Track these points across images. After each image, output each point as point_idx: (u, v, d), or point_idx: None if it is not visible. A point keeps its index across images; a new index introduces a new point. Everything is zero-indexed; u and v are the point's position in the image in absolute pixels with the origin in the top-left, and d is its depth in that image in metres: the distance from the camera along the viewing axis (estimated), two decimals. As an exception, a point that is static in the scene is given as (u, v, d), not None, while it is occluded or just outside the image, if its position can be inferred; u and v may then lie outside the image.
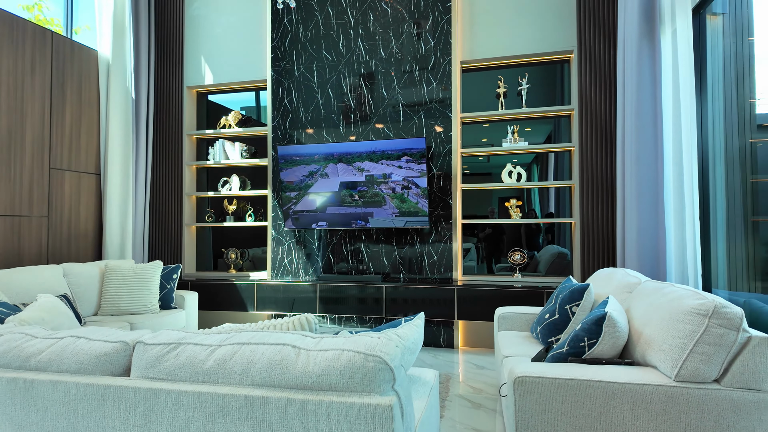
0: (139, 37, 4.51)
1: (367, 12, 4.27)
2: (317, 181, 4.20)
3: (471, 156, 4.39)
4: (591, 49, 3.74)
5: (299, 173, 4.23)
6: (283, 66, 4.47)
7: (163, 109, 4.80)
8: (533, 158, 4.70)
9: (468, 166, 4.58)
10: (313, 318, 1.35)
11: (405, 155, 3.94)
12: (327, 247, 4.37)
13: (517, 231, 4.77)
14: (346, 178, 4.13)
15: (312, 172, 4.20)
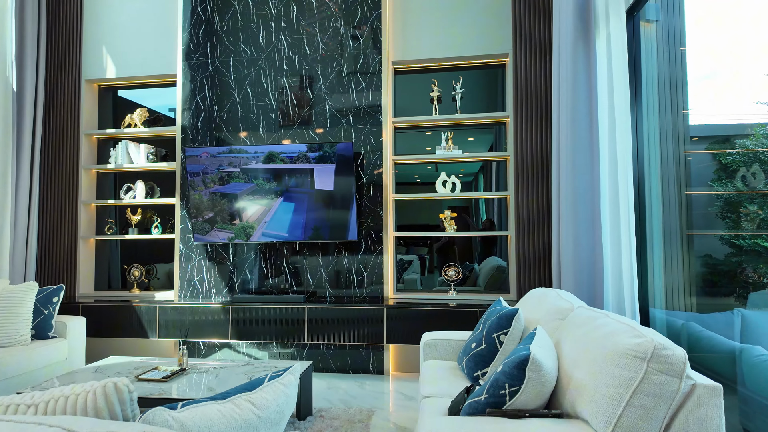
0: (24, 21, 3.88)
1: (290, 3, 3.88)
2: (231, 188, 3.73)
3: (412, 164, 4.08)
4: (527, 53, 3.54)
5: (210, 179, 3.74)
6: (195, 59, 3.99)
7: (56, 105, 4.16)
8: (480, 167, 4.47)
9: (418, 175, 4.29)
10: (126, 388, 0.93)
11: (331, 161, 3.57)
12: (243, 263, 3.90)
13: (467, 242, 4.53)
14: (264, 185, 3.69)
15: (225, 178, 3.73)
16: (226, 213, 3.75)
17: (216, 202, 3.75)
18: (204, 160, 3.73)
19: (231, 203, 3.74)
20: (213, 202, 3.75)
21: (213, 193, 3.75)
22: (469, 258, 4.59)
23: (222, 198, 3.75)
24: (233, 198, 3.74)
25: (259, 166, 3.68)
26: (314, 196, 3.63)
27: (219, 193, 3.75)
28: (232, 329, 3.56)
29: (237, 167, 3.71)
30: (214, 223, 3.76)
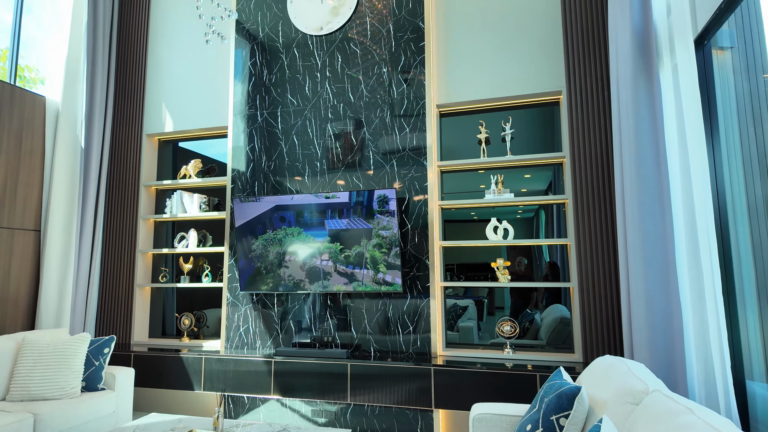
0: (94, 82, 4.20)
1: (335, 53, 3.92)
2: (276, 237, 3.71)
3: (455, 209, 3.89)
4: (581, 89, 3.30)
5: (255, 228, 3.75)
6: (245, 112, 4.10)
7: (119, 159, 4.42)
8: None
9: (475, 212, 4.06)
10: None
11: (374, 208, 3.45)
12: (287, 313, 3.81)
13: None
14: (307, 233, 3.63)
15: (271, 227, 3.72)
16: (271, 262, 3.72)
17: (261, 251, 3.73)
18: (251, 209, 3.75)
19: (276, 252, 3.71)
20: (258, 251, 3.74)
21: (259, 241, 3.74)
22: (530, 301, 4.21)
23: (267, 247, 3.72)
24: (278, 247, 3.71)
25: (304, 213, 3.64)
26: (363, 235, 3.51)
27: (264, 241, 3.73)
28: (275, 383, 3.44)
29: (283, 216, 3.69)
30: (259, 272, 3.74)
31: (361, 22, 3.86)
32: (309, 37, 3.98)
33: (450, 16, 3.78)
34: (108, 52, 4.40)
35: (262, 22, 4.13)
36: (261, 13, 4.13)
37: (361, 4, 3.87)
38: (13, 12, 4.05)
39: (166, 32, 4.54)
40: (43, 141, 3.96)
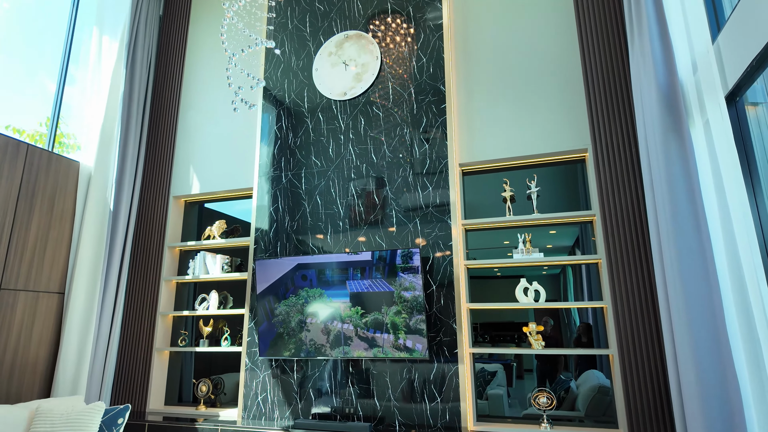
0: (126, 147, 4.36)
1: (358, 116, 4.01)
2: (298, 301, 3.62)
3: (481, 268, 3.77)
4: (608, 147, 3.25)
5: (277, 290, 3.67)
6: (270, 173, 4.17)
7: (145, 221, 4.50)
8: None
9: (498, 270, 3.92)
10: None
11: (397, 264, 3.36)
12: (307, 380, 3.64)
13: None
14: (329, 294, 3.54)
15: (291, 288, 3.64)
16: (293, 327, 3.60)
17: (281, 314, 3.64)
18: (273, 269, 3.70)
19: (296, 315, 3.60)
20: (278, 314, 3.64)
21: (281, 306, 3.65)
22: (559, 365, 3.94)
23: (288, 309, 3.63)
24: (299, 310, 3.61)
25: (326, 271, 3.57)
26: (384, 300, 3.39)
27: (287, 306, 3.64)
28: (293, 459, 3.21)
29: (305, 274, 3.63)
30: (280, 336, 3.62)
31: (383, 86, 3.97)
32: (333, 102, 4.10)
33: (470, 78, 3.86)
34: (141, 118, 4.60)
35: (288, 88, 4.29)
36: (287, 81, 4.30)
37: (383, 71, 4.00)
38: (57, 82, 4.30)
39: (197, 99, 4.76)
40: (74, 204, 4.07)
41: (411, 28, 4.01)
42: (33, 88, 4.27)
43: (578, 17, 3.64)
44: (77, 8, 4.35)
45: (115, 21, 4.43)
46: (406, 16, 4.05)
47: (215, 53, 4.81)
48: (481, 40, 3.91)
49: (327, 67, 4.17)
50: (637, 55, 3.04)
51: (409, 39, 3.99)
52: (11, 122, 3.97)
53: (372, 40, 4.07)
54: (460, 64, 3.93)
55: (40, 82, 4.30)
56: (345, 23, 4.23)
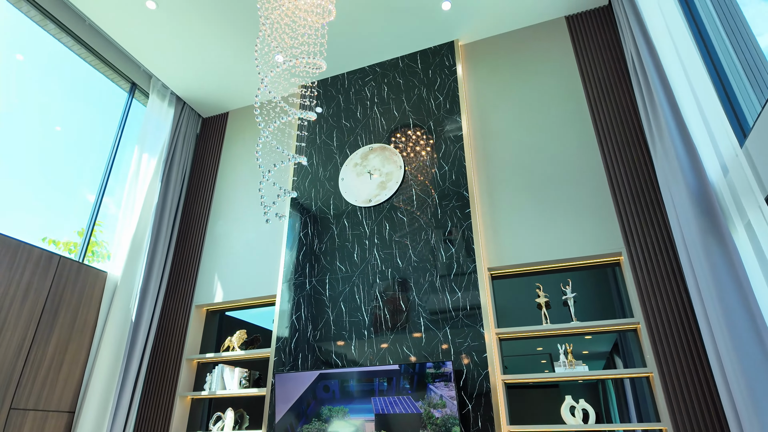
0: (154, 257, 4.42)
1: (383, 222, 4.04)
2: (318, 416, 3.33)
3: (520, 382, 3.47)
4: (643, 250, 3.15)
5: (298, 409, 3.40)
6: (294, 280, 4.11)
7: (165, 332, 4.39)
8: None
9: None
10: None
11: (427, 381, 3.11)
12: None
13: None
14: (351, 411, 3.25)
15: (312, 403, 3.37)
16: (313, 450, 3.27)
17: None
18: (293, 385, 3.47)
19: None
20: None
21: (299, 422, 3.36)
22: None
23: (308, 427, 3.32)
24: (321, 428, 3.30)
25: (350, 383, 3.31)
26: (411, 424, 3.07)
27: (305, 422, 3.35)
28: None
29: (327, 385, 3.37)
30: (299, 462, 3.27)
31: (407, 193, 4.05)
32: (358, 209, 4.17)
33: (493, 184, 3.92)
34: (171, 229, 4.73)
35: (315, 197, 4.41)
36: (314, 190, 4.44)
37: (407, 178, 4.11)
38: (96, 193, 4.51)
39: (226, 208, 4.91)
40: (96, 315, 4.02)
41: (431, 139, 4.19)
42: (72, 200, 4.49)
43: (595, 123, 3.76)
44: (123, 129, 4.73)
45: (156, 140, 4.77)
46: (426, 129, 4.26)
47: (246, 165, 5.07)
48: (500, 148, 4.04)
49: (353, 177, 4.31)
50: (660, 159, 3.06)
51: (429, 149, 4.15)
52: (48, 234, 4.11)
53: (395, 151, 4.24)
54: (482, 170, 4.02)
55: (80, 194, 4.53)
56: (369, 137, 4.46)
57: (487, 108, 4.26)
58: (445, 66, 4.46)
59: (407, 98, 4.49)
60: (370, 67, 4.82)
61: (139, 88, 4.94)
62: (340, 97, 4.82)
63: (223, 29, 4.36)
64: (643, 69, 3.29)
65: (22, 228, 3.78)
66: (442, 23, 4.37)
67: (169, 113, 5.02)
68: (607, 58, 3.97)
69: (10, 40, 4.08)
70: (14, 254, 3.48)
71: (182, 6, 4.12)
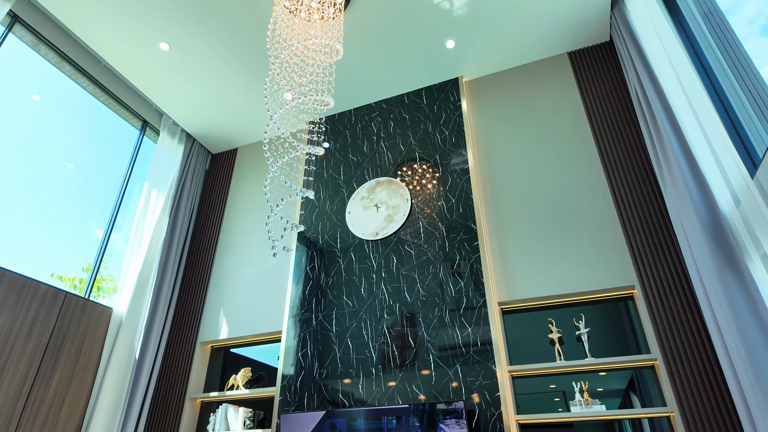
0: (160, 292, 4.39)
1: (390, 255, 4.01)
2: (328, 462, 3.19)
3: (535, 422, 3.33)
4: (658, 284, 3.08)
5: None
6: (300, 315, 4.05)
7: (168, 370, 4.30)
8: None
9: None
10: None
11: (438, 425, 2.99)
12: None
13: None
14: (364, 458, 3.12)
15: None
16: (319, 496, 3.12)
17: (309, 481, 3.18)
18: (299, 425, 3.35)
19: (326, 482, 3.14)
20: (306, 481, 3.19)
21: (306, 468, 3.22)
22: None
23: (316, 475, 3.19)
24: (328, 475, 3.16)
25: (357, 423, 3.19)
26: (423, 472, 2.94)
27: (313, 468, 3.21)
28: None
29: (333, 426, 3.26)
30: None
31: (414, 226, 4.03)
32: (365, 242, 4.15)
33: (501, 216, 3.90)
34: (178, 264, 4.72)
35: (322, 231, 4.40)
36: (321, 224, 4.44)
37: (414, 212, 4.10)
38: (105, 229, 4.52)
39: (233, 243, 4.91)
40: (100, 353, 3.96)
41: (438, 172, 4.21)
42: (81, 235, 4.51)
43: (601, 155, 3.77)
44: (133, 166, 4.80)
45: (165, 176, 4.83)
46: (432, 162, 4.29)
47: (253, 200, 5.10)
48: (507, 180, 4.04)
49: (359, 210, 4.31)
50: (670, 190, 3.04)
51: (436, 182, 4.16)
52: (56, 270, 4.11)
53: (402, 184, 4.26)
54: (489, 203, 4.01)
55: (89, 229, 4.56)
56: (376, 171, 4.49)
57: (493, 141, 4.30)
58: (450, 101, 4.54)
59: (413, 133, 4.54)
60: (376, 104, 4.91)
61: (150, 125, 5.04)
62: (347, 132, 4.89)
63: (233, 68, 4.49)
64: (648, 102, 3.32)
65: (30, 263, 3.79)
66: (447, 61, 4.47)
67: (179, 150, 5.11)
68: (610, 91, 4.03)
69: (28, 81, 4.21)
70: (21, 291, 3.46)
71: (194, 47, 4.26)
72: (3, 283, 3.37)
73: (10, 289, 3.40)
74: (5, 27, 3.76)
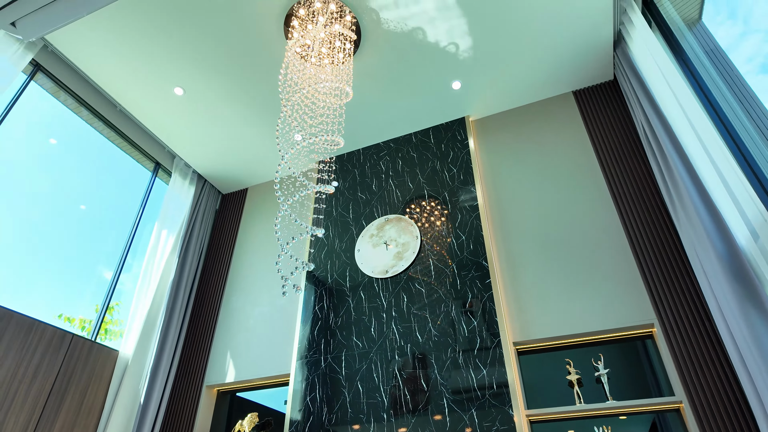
0: (167, 334, 4.32)
1: (400, 293, 3.95)
2: None
3: (551, 469, 3.16)
4: (677, 320, 2.99)
5: (314, 503, 3.11)
6: (309, 357, 3.95)
7: (173, 416, 4.18)
8: None
9: None
10: None
11: (456, 475, 2.84)
12: None
13: None
14: None
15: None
16: None
17: None
18: (308, 475, 3.20)
19: None
20: None
21: None
22: None
23: None
24: None
25: (370, 482, 3.04)
26: None
27: None
28: None
29: (344, 485, 3.09)
30: None
31: (425, 263, 3.99)
32: (375, 280, 4.10)
33: (513, 253, 3.86)
34: (186, 305, 4.67)
35: (331, 269, 4.37)
36: (330, 262, 4.41)
37: (424, 249, 4.07)
38: (114, 271, 4.52)
39: (242, 283, 4.87)
40: (104, 397, 3.87)
41: (447, 210, 4.21)
42: (90, 277, 4.51)
43: (611, 190, 3.76)
44: (144, 207, 4.85)
45: (176, 217, 4.87)
46: (441, 199, 4.29)
47: (262, 239, 5.10)
48: (518, 217, 4.02)
49: (369, 248, 4.29)
50: (684, 225, 3.00)
51: (444, 219, 4.15)
52: (64, 311, 4.09)
53: (411, 221, 4.25)
54: (500, 240, 3.98)
55: (98, 270, 4.56)
56: (385, 208, 4.50)
57: (502, 178, 4.31)
58: (458, 140, 4.59)
59: (421, 171, 4.58)
60: (384, 143, 4.99)
61: (162, 167, 5.13)
62: (355, 171, 4.94)
63: (244, 111, 4.60)
64: (656, 138, 3.34)
65: (39, 304, 3.77)
66: (453, 101, 4.56)
67: (190, 191, 5.17)
68: (617, 128, 4.06)
69: (47, 125, 4.34)
70: (28, 333, 3.43)
71: (207, 91, 4.39)
72: (11, 325, 3.34)
73: (17, 332, 3.36)
74: (27, 75, 3.91)
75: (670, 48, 3.52)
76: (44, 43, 3.89)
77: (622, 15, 3.81)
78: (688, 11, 3.71)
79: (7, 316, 3.33)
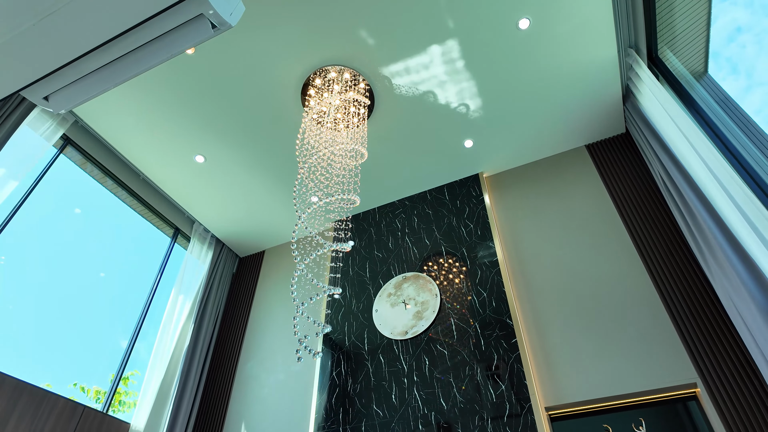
0: (180, 405, 4.16)
1: (421, 356, 3.78)
2: None
3: None
4: (722, 378, 2.77)
5: None
6: (327, 428, 3.73)
7: (185, 493, 3.92)
8: None
9: None
10: None
11: None
12: None
13: None
14: None
15: None
16: None
17: None
18: None
19: None
20: None
21: None
22: None
23: None
24: None
25: None
26: None
27: None
28: None
29: None
30: None
31: (446, 323, 3.85)
32: (394, 342, 3.95)
33: (538, 310, 3.71)
34: (199, 375, 4.53)
35: (348, 331, 4.24)
36: (348, 324, 4.29)
37: (444, 308, 3.95)
38: (129, 339, 4.45)
39: (257, 349, 4.74)
40: (113, 475, 3.66)
41: (465, 266, 4.12)
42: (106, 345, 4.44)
43: (635, 241, 3.66)
44: (162, 274, 4.87)
45: (193, 282, 4.86)
46: (459, 255, 4.22)
47: (278, 303, 5.03)
48: (540, 271, 3.91)
49: (387, 307, 4.18)
50: (717, 275, 2.86)
51: (463, 276, 4.06)
52: (78, 380, 4.00)
53: (429, 279, 4.16)
54: (524, 296, 3.84)
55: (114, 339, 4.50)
56: (402, 266, 4.43)
57: (520, 232, 4.25)
58: (473, 195, 4.60)
59: (437, 227, 4.55)
60: (399, 201, 5.02)
61: (181, 232, 5.21)
62: (371, 229, 4.94)
63: (263, 176, 4.71)
64: (676, 187, 3.29)
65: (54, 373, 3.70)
66: (466, 159, 4.62)
67: (208, 255, 5.20)
68: (634, 179, 4.03)
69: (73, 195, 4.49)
70: (39, 404, 3.33)
71: (227, 158, 4.53)
72: (23, 397, 3.25)
73: (29, 403, 3.27)
74: (57, 149, 4.10)
75: (681, 99, 3.56)
76: (75, 119, 4.11)
77: (628, 71, 3.91)
78: (693, 65, 3.79)
79: (20, 387, 3.26)
